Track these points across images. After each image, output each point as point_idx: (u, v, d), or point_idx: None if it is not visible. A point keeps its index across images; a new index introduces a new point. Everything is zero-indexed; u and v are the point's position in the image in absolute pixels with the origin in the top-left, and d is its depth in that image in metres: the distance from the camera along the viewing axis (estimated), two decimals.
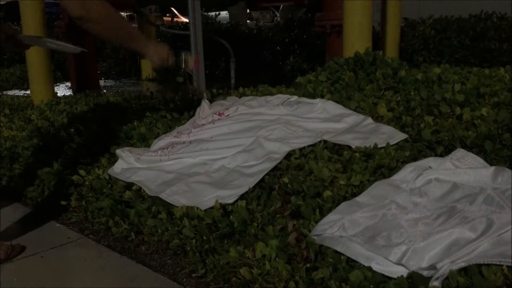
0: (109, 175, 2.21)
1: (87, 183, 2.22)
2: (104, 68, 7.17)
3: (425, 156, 1.89)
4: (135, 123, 2.71)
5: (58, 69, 6.33)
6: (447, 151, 1.92)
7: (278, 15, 13.21)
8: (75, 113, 3.17)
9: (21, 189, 2.44)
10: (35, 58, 3.88)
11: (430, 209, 1.52)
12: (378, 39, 4.12)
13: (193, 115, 2.63)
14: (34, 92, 3.98)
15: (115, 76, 6.93)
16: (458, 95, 2.28)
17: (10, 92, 5.45)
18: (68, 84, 5.78)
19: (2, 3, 16.26)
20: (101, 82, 6.06)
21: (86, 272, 1.74)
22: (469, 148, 1.90)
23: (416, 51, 4.63)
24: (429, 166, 1.75)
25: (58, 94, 4.25)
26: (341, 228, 1.49)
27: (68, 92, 5.22)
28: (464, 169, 1.69)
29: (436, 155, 1.91)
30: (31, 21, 3.77)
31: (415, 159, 1.88)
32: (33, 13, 3.74)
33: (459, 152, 1.83)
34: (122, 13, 8.62)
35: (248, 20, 12.50)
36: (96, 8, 1.77)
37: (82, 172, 2.29)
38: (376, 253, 1.37)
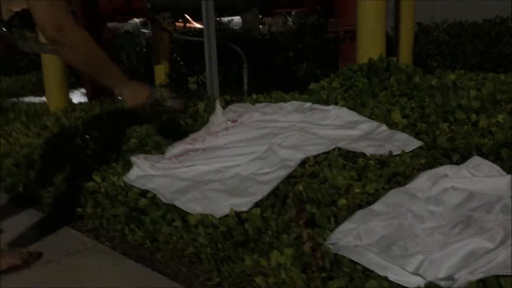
0: (124, 182, 2.23)
1: (102, 190, 2.24)
2: None
3: (441, 164, 1.88)
4: (149, 130, 2.72)
5: (73, 76, 6.38)
6: (463, 159, 1.90)
7: (290, 20, 13.21)
8: (90, 120, 3.20)
9: (36, 196, 2.47)
10: (51, 65, 3.91)
11: (447, 218, 1.51)
12: (391, 45, 4.10)
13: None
14: (50, 99, 4.02)
15: None
16: (473, 102, 2.26)
17: (26, 99, 5.50)
18: (83, 90, 5.82)
19: (17, 10, 16.50)
20: None
21: (102, 280, 1.74)
22: (485, 155, 1.88)
23: (430, 56, 4.60)
24: (445, 174, 1.74)
25: (73, 101, 4.28)
26: (357, 237, 1.48)
27: (83, 99, 5.26)
28: (481, 177, 1.68)
29: (452, 163, 1.89)
30: None
31: (430, 166, 1.87)
32: None
33: (476, 160, 1.81)
34: (136, 20, 8.68)
35: (260, 25, 12.52)
36: (73, 33, 1.64)
37: (97, 178, 2.30)
38: (392, 263, 1.36)
